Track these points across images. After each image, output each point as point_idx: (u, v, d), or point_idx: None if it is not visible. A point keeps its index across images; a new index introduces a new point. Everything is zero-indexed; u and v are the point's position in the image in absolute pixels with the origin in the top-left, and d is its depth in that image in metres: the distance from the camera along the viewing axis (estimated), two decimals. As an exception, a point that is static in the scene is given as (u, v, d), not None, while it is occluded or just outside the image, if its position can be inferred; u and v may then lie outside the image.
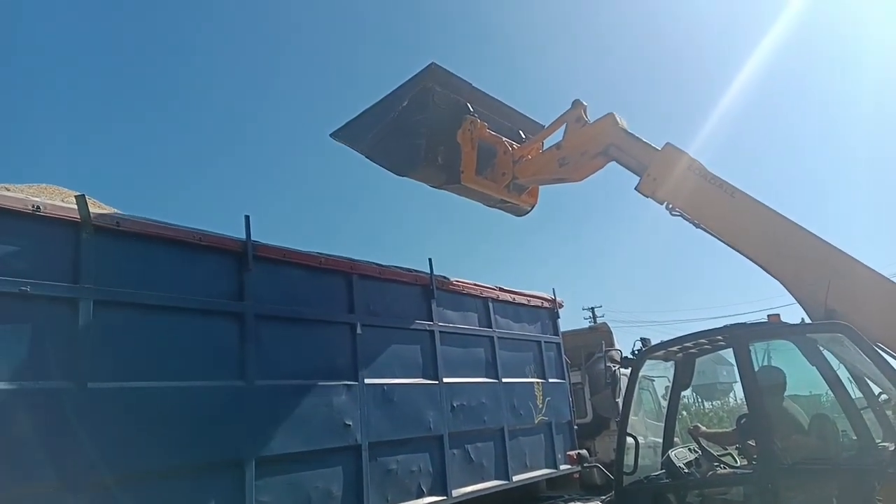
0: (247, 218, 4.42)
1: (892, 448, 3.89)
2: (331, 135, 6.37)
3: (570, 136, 5.79)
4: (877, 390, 4.34)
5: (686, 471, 4.37)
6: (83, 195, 3.63)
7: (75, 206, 3.56)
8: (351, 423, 4.84)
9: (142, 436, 3.59)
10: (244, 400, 4.15)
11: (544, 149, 6.23)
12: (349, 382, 4.95)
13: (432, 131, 5.90)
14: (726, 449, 4.82)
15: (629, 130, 5.50)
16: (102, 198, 4.49)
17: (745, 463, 4.54)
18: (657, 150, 5.32)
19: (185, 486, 3.76)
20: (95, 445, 3.36)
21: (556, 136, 6.04)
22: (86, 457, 3.32)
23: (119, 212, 4.04)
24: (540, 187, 6.89)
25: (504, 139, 6.38)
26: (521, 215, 7.21)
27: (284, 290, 4.71)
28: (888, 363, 4.08)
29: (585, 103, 5.77)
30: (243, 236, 4.42)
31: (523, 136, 6.58)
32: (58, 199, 3.75)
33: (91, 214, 3.57)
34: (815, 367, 4.29)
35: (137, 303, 3.74)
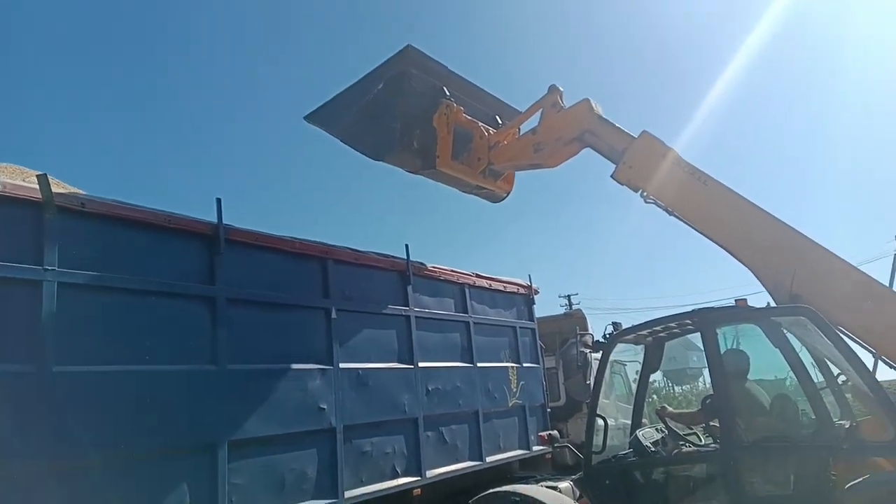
0: (218, 201, 4.37)
1: (848, 426, 4.05)
2: (305, 117, 6.31)
3: (546, 122, 5.83)
4: (836, 371, 4.50)
5: (652, 449, 4.50)
6: (45, 174, 3.56)
7: (37, 186, 3.48)
8: (326, 407, 4.86)
9: (110, 420, 3.56)
10: (216, 384, 4.13)
11: (520, 134, 6.26)
12: (324, 366, 4.96)
13: (408, 115, 5.87)
14: (692, 429, 4.96)
15: (604, 116, 5.56)
16: (67, 179, 4.42)
17: (711, 442, 4.68)
18: (633, 137, 5.39)
19: (156, 469, 3.74)
20: (62, 430, 3.34)
21: (533, 122, 6.07)
22: (53, 441, 3.29)
23: (84, 192, 3.97)
24: (516, 174, 6.93)
25: (480, 124, 6.37)
26: (496, 202, 7.23)
27: (258, 275, 4.68)
28: (848, 346, 4.22)
29: (561, 88, 5.80)
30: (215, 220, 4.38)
31: (500, 122, 6.58)
32: (19, 179, 3.67)
33: (54, 195, 3.50)
34: (778, 350, 4.42)
35: (104, 286, 3.69)
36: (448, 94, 6.11)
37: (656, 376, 6.66)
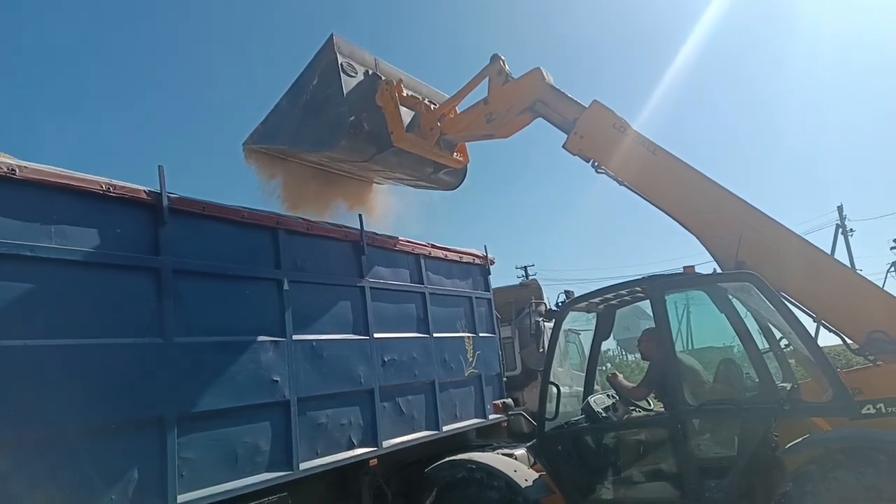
0: (160, 168, 4.17)
1: (790, 388, 4.22)
2: (244, 144, 6.18)
3: (497, 92, 5.77)
4: (779, 336, 4.67)
5: (603, 415, 4.60)
6: None
7: None
8: (279, 379, 4.77)
9: (52, 397, 3.40)
10: (163, 358, 3.99)
11: (468, 106, 6.20)
12: (277, 339, 4.85)
13: (351, 99, 5.77)
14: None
15: (555, 86, 5.53)
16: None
17: (662, 407, 4.82)
18: (584, 107, 5.38)
19: (101, 447, 3.60)
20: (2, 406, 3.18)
21: (478, 95, 6.02)
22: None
23: (15, 159, 3.72)
24: (470, 147, 6.89)
25: (424, 99, 6.34)
26: (451, 189, 7.21)
27: (205, 245, 4.51)
28: (790, 310, 4.38)
29: (504, 56, 5.75)
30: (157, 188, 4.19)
31: (434, 107, 6.54)
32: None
33: None
34: (724, 315, 4.55)
35: (41, 257, 3.49)
36: (382, 78, 6.08)
37: (610, 345, 6.82)
